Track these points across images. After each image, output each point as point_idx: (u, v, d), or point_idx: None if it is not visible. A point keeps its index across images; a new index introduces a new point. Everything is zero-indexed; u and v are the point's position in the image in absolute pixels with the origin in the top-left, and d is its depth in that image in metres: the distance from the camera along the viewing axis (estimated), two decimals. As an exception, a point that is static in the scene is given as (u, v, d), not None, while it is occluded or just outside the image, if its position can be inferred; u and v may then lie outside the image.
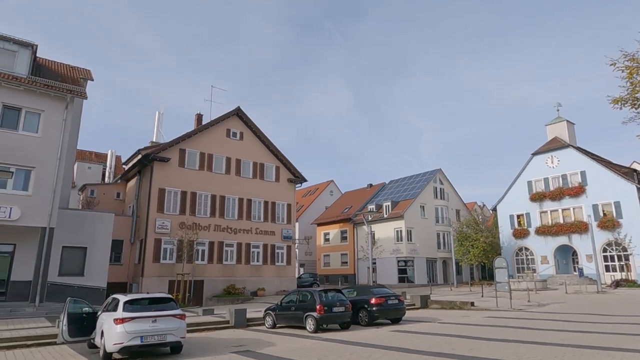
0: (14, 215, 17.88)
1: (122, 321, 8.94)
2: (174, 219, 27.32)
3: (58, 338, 11.18)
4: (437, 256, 42.67)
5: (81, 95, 20.79)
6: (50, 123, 19.51)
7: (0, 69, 18.99)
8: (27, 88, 19.07)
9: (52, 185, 19.03)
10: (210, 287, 27.78)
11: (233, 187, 30.58)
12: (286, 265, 32.18)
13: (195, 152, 29.45)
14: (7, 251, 19.45)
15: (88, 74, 24.13)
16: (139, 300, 9.72)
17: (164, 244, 26.70)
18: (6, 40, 19.47)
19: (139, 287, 25.59)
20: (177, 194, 28.04)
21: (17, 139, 18.64)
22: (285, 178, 33.72)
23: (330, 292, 14.53)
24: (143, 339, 9.03)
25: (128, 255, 27.96)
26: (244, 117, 32.13)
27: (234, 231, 29.94)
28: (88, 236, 21.89)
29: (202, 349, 10.60)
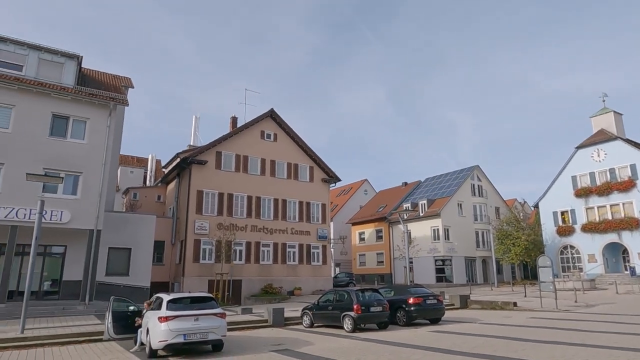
0: (64, 218, 18.90)
1: (166, 319, 9.27)
2: (212, 220, 28.01)
3: (104, 335, 11.76)
4: (476, 255, 41.57)
5: (123, 103, 21.70)
6: (95, 130, 20.48)
7: (50, 80, 20.13)
8: (74, 97, 20.11)
9: (98, 189, 19.98)
10: (248, 286, 28.28)
11: (268, 187, 31.00)
12: (322, 264, 32.29)
13: (231, 154, 30.06)
14: (59, 252, 20.59)
15: (129, 82, 25.15)
16: (181, 299, 10.03)
17: (203, 244, 27.43)
18: (54, 53, 20.59)
19: (180, 286, 26.41)
20: (214, 195, 28.73)
21: (66, 146, 19.70)
22: (319, 178, 33.84)
23: (367, 291, 14.46)
24: (186, 336, 9.31)
25: (169, 255, 28.91)
26: (277, 118, 32.50)
27: (270, 231, 30.34)
28: (132, 237, 22.82)
29: (242, 348, 10.81)
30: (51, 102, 19.70)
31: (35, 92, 19.34)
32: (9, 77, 19.01)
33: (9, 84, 18.81)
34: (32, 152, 18.80)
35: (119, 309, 11.62)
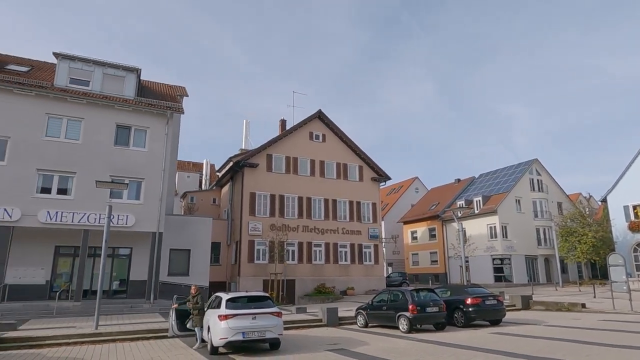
0: (129, 222, 20.15)
1: (225, 318, 9.61)
2: (264, 221, 28.67)
3: (169, 332, 12.40)
4: (537, 253, 39.42)
5: (178, 111, 22.76)
6: (154, 138, 21.66)
7: (113, 93, 21.54)
8: (135, 108, 21.39)
9: (159, 194, 21.12)
10: (302, 286, 28.66)
11: (318, 188, 31.25)
12: (374, 264, 32.05)
13: (281, 156, 30.61)
14: (125, 254, 21.97)
15: (183, 91, 26.33)
16: (239, 299, 10.36)
17: (257, 245, 28.14)
18: (116, 68, 22.01)
19: (236, 286, 27.27)
20: (266, 197, 29.39)
21: (129, 154, 21.00)
22: (369, 177, 33.62)
23: (422, 291, 14.17)
24: (245, 334, 9.61)
25: (225, 256, 29.94)
26: (325, 119, 32.69)
27: (321, 231, 30.56)
28: (191, 239, 23.89)
29: (297, 346, 10.96)
30: (115, 113, 21.09)
31: (101, 105, 20.80)
32: (79, 93, 20.58)
33: (79, 98, 20.37)
34: (100, 161, 20.22)
35: (182, 308, 12.20)
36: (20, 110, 19.35)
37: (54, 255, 20.36)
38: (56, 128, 20.02)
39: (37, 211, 18.73)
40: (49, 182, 19.47)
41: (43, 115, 19.78)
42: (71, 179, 19.80)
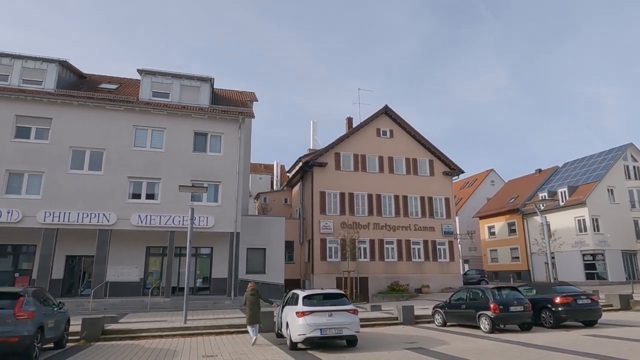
0: (209, 223, 21.41)
1: (303, 314, 9.86)
2: (335, 219, 28.93)
3: (276, 331, 12.88)
4: (636, 248, 35.54)
5: (250, 116, 23.74)
6: (228, 143, 22.81)
7: (190, 103, 23.02)
8: (210, 116, 22.68)
9: (234, 196, 22.20)
10: (375, 283, 28.51)
11: (387, 185, 30.87)
12: (449, 261, 30.98)
13: (349, 154, 30.68)
14: (206, 253, 23.39)
15: (253, 96, 27.40)
16: (315, 296, 10.57)
17: (329, 243, 28.48)
18: (192, 79, 23.49)
19: (310, 283, 27.83)
20: (336, 195, 29.63)
21: (207, 159, 22.33)
22: (440, 171, 32.54)
23: (504, 289, 13.43)
24: (322, 331, 9.78)
25: (299, 254, 30.68)
26: (392, 114, 32.20)
27: (393, 228, 30.16)
28: (266, 238, 24.81)
29: (374, 344, 10.92)
30: (192, 121, 22.54)
31: (180, 115, 22.34)
32: (160, 104, 22.28)
33: (160, 110, 22.06)
34: (181, 166, 21.73)
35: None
36: (112, 124, 21.38)
37: (145, 255, 22.25)
38: (142, 138, 21.85)
39: (129, 215, 20.58)
40: (138, 189, 21.31)
41: (131, 128, 21.68)
42: (157, 184, 21.50)
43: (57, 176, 20.17)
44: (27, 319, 8.73)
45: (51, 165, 20.19)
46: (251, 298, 11.48)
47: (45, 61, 21.68)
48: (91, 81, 24.60)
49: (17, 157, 19.88)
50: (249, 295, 11.56)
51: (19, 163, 19.87)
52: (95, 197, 20.30)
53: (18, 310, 8.66)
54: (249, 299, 11.46)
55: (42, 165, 20.11)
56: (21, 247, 21.02)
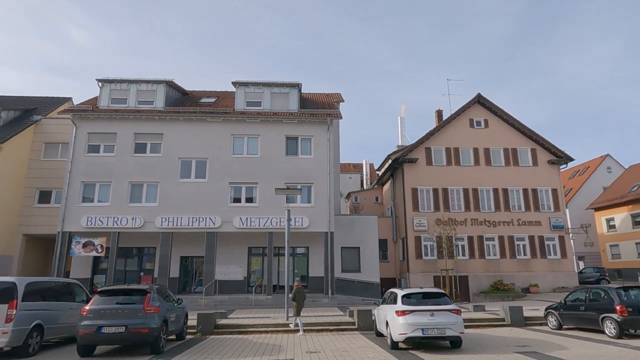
0: (304, 223, 22.14)
1: (403, 313, 9.72)
2: (429, 216, 28.05)
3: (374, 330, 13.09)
4: None
5: (337, 116, 24.07)
6: (318, 145, 23.39)
7: (280, 109, 24.05)
8: (299, 120, 23.48)
9: (327, 196, 22.69)
10: (475, 282, 27.06)
11: (484, 178, 29.11)
12: (560, 258, 28.20)
13: (441, 148, 29.53)
14: (303, 253, 24.21)
15: (339, 97, 27.74)
16: (414, 294, 10.36)
17: (424, 241, 27.69)
18: (281, 86, 24.52)
19: (406, 282, 27.32)
20: (428, 191, 28.72)
21: (299, 162, 23.15)
22: (545, 160, 29.80)
23: (632, 289, 11.86)
24: (424, 331, 9.54)
25: (393, 253, 30.30)
26: (486, 103, 30.30)
27: (493, 224, 28.34)
28: (359, 237, 24.96)
29: (481, 346, 10.37)
30: (283, 127, 23.53)
31: (272, 121, 23.47)
32: (253, 113, 23.63)
33: (254, 118, 23.40)
34: (276, 170, 22.81)
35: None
36: (212, 134, 23.20)
37: (247, 255, 23.74)
38: (240, 146, 23.37)
39: (232, 218, 22.13)
40: (238, 193, 22.82)
41: (229, 137, 23.31)
42: (255, 188, 22.82)
43: (170, 185, 22.43)
44: (154, 313, 9.83)
45: (164, 176, 22.52)
46: (299, 294, 13.68)
47: (154, 83, 24.25)
48: (193, 97, 26.93)
49: (137, 170, 22.52)
50: (297, 293, 13.70)
51: (138, 175, 22.49)
52: (201, 203, 22.19)
53: (146, 305, 9.79)
54: (298, 295, 13.64)
55: (157, 176, 22.52)
56: (144, 249, 23.75)
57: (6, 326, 9.31)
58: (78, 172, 22.30)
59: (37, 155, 24.47)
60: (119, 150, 22.79)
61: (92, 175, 22.37)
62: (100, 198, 22.35)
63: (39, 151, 24.57)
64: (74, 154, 22.49)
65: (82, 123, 22.96)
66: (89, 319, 9.51)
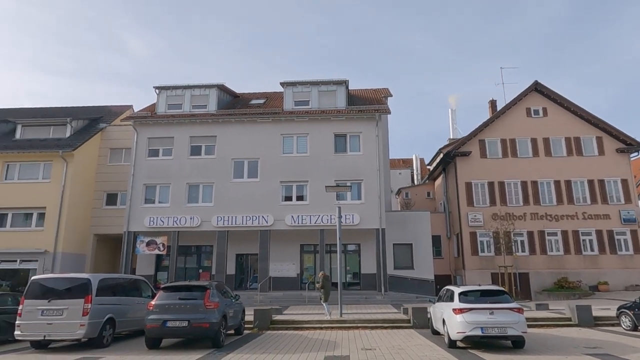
0: (355, 220, 22.13)
1: (460, 311, 9.45)
2: (485, 211, 27.01)
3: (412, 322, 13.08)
4: None
5: (385, 112, 23.81)
6: (367, 141, 23.26)
7: (328, 107, 24.16)
8: (347, 117, 23.47)
9: (377, 193, 22.52)
10: (537, 279, 25.72)
11: (544, 169, 27.55)
12: (633, 254, 26.10)
13: (495, 140, 28.32)
14: (354, 250, 24.21)
15: (387, 92, 27.39)
16: (472, 292, 10.04)
17: (480, 236, 26.72)
18: (328, 84, 24.61)
19: (462, 279, 26.53)
20: (483, 185, 27.65)
21: (347, 159, 23.16)
22: (612, 148, 27.69)
23: None
24: (484, 330, 9.21)
25: (447, 249, 29.51)
26: (544, 90, 28.65)
27: (555, 218, 26.78)
28: (411, 234, 24.56)
29: (546, 346, 9.86)
30: (331, 124, 23.62)
31: (320, 120, 23.64)
32: (302, 112, 23.92)
33: (302, 117, 23.68)
34: (325, 168, 22.96)
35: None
36: (263, 135, 23.75)
37: (300, 252, 24.11)
38: (289, 145, 23.76)
39: (284, 216, 22.56)
40: (289, 191, 23.22)
41: (279, 136, 23.76)
42: (305, 186, 23.11)
43: (224, 185, 23.25)
44: (214, 308, 10.25)
45: (219, 176, 23.38)
46: (326, 283, 15.44)
47: (207, 87, 25.20)
48: (243, 99, 27.70)
49: (193, 172, 23.55)
50: (325, 281, 15.46)
51: (195, 176, 23.51)
52: (254, 202, 22.80)
53: (207, 300, 10.23)
54: (325, 283, 15.41)
55: (212, 177, 23.42)
56: (202, 247, 24.81)
57: (83, 319, 10.11)
58: (140, 175, 23.69)
59: (103, 161, 26.27)
60: (177, 153, 23.93)
61: (152, 177, 23.68)
62: (161, 199, 23.61)
63: (105, 157, 26.36)
64: (136, 158, 23.91)
65: (143, 129, 24.35)
66: (155, 313, 10.09)
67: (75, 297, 10.30)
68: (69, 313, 10.12)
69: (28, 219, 23.79)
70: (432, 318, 12.05)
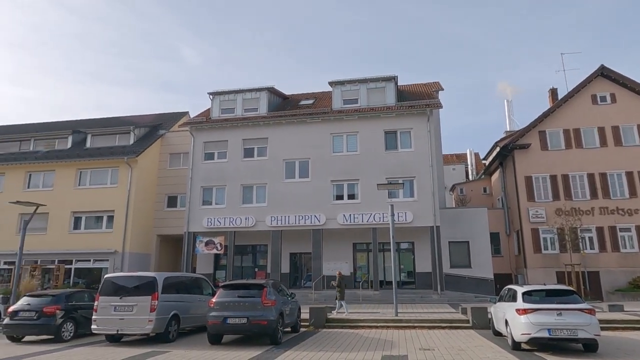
0: (408, 218, 21.73)
1: (524, 312, 8.99)
2: (547, 206, 25.49)
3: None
4: None
5: (437, 106, 23.17)
6: (418, 137, 22.77)
7: (377, 104, 23.90)
8: (397, 113, 23.09)
9: (430, 190, 21.98)
10: (609, 279, 23.90)
11: (614, 160, 25.51)
12: None
13: (557, 130, 26.63)
14: (408, 248, 23.79)
15: (438, 86, 26.64)
16: (536, 292, 9.53)
17: (542, 233, 25.26)
18: (376, 81, 24.35)
19: (524, 278, 25.24)
20: (545, 179, 26.11)
21: (399, 156, 22.79)
22: (697, 135, 25.12)
23: None
24: (551, 332, 8.71)
25: (507, 247, 28.19)
26: (611, 75, 26.53)
27: (628, 212, 24.73)
28: (467, 231, 23.72)
29: (622, 351, 9.16)
30: (381, 121, 23.35)
31: (369, 117, 23.44)
32: (351, 111, 23.85)
33: (352, 115, 23.61)
34: (376, 166, 22.74)
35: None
36: (313, 135, 23.95)
37: (352, 251, 24.06)
38: (339, 144, 23.78)
39: (335, 215, 22.62)
40: (340, 190, 23.24)
41: (329, 136, 23.85)
42: (356, 185, 23.04)
43: (276, 186, 23.71)
44: (271, 306, 10.49)
45: (271, 177, 23.88)
46: (342, 282, 16.64)
47: (257, 90, 25.82)
48: (292, 100, 28.09)
49: (247, 174, 24.24)
50: (341, 280, 16.71)
51: (248, 178, 24.18)
52: (306, 201, 23.05)
53: (264, 298, 10.49)
54: (341, 282, 16.63)
55: (264, 178, 23.98)
56: (257, 247, 25.47)
57: (151, 315, 10.74)
58: (198, 178, 24.75)
59: (164, 165, 27.72)
60: (231, 156, 24.74)
61: (209, 180, 24.65)
62: (217, 200, 24.52)
63: (165, 161, 27.79)
64: (194, 162, 25.01)
65: (199, 133, 25.41)
66: (216, 310, 10.50)
67: (143, 294, 10.95)
68: (138, 309, 10.78)
69: (99, 222, 25.64)
70: (494, 318, 11.57)
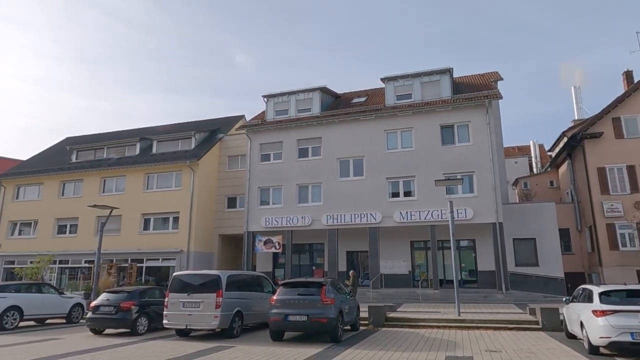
0: (468, 215, 20.94)
1: (603, 314, 8.35)
2: (624, 199, 23.47)
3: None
4: None
5: (496, 97, 22.12)
6: (477, 130, 21.86)
7: (432, 98, 23.28)
8: (454, 106, 22.32)
9: (491, 185, 21.04)
10: (701, 279, 21.57)
11: None
12: None
13: (634, 116, 24.40)
14: (468, 246, 22.94)
15: (497, 76, 25.42)
16: (616, 292, 8.82)
17: (619, 228, 23.29)
18: (430, 74, 23.71)
19: (599, 277, 23.43)
20: (620, 170, 24.05)
21: (456, 150, 22.02)
22: None
23: None
24: (634, 335, 8.01)
25: (578, 243, 26.32)
26: (698, 52, 23.91)
27: None
28: (533, 227, 22.45)
29: None
30: (437, 116, 22.68)
31: (424, 112, 22.86)
32: (405, 106, 23.40)
33: (406, 111, 23.16)
34: (432, 162, 22.15)
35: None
36: (366, 132, 23.78)
37: (410, 249, 23.63)
38: (393, 141, 23.42)
39: (392, 213, 22.31)
40: (396, 188, 22.89)
41: (382, 133, 23.57)
42: (412, 182, 22.57)
43: (331, 185, 23.83)
44: (330, 304, 10.58)
45: (326, 176, 24.04)
46: (355, 281, 18.08)
47: (310, 91, 26.09)
48: (345, 99, 28.07)
49: (302, 173, 24.58)
50: (354, 279, 18.09)
51: (304, 178, 24.52)
52: (361, 199, 22.95)
53: (323, 296, 10.60)
54: (354, 281, 18.01)
55: (319, 177, 24.19)
56: (314, 245, 25.77)
57: (216, 311, 11.23)
58: (255, 179, 25.50)
59: (223, 167, 28.85)
60: (286, 157, 25.22)
61: (266, 181, 25.30)
62: (274, 201, 25.10)
63: (224, 164, 28.91)
64: (251, 164, 25.80)
65: (255, 136, 26.16)
66: (277, 307, 10.76)
67: (209, 291, 11.48)
68: (205, 306, 11.32)
69: (165, 223, 27.20)
70: (567, 320, 10.86)
